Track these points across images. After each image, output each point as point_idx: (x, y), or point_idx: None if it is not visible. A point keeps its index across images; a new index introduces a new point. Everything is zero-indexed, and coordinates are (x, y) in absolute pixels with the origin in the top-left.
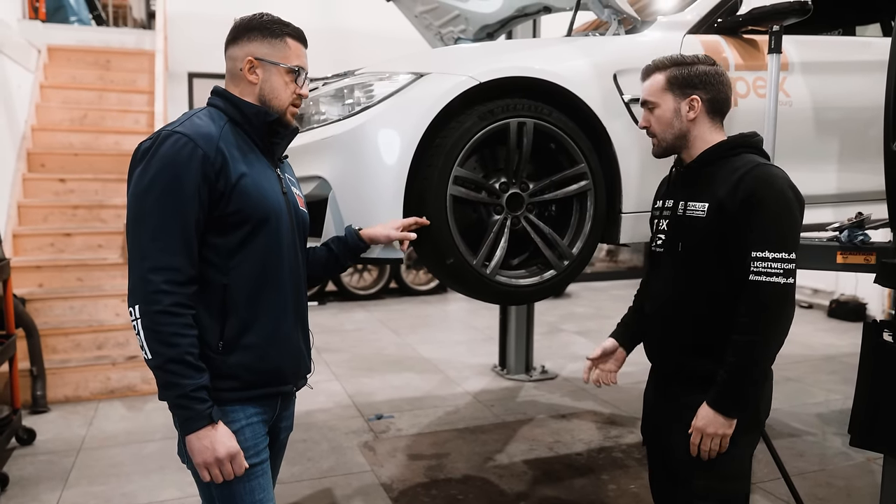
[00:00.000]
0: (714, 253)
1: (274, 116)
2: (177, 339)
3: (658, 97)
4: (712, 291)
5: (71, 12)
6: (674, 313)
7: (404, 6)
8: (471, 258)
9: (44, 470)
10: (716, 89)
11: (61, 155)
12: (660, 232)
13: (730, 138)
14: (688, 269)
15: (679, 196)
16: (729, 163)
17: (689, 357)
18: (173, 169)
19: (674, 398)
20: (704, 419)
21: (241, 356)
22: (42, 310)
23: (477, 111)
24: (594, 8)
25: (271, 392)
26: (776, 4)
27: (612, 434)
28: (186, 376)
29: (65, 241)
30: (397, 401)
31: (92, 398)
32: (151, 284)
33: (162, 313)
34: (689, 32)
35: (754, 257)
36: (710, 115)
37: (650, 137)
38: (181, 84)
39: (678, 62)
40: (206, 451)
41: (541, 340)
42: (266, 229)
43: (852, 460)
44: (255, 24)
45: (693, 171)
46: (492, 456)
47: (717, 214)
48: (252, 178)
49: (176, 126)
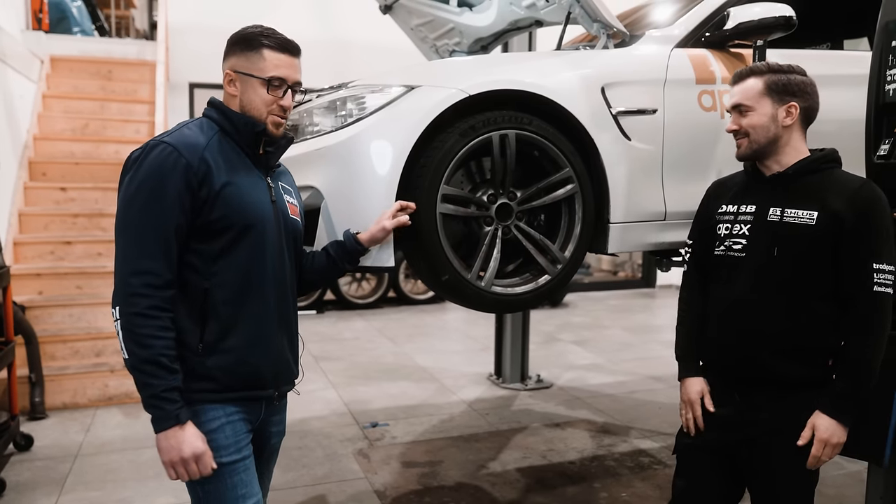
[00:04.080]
0: (819, 260)
1: (261, 127)
2: (151, 340)
3: (755, 101)
4: (811, 296)
5: (74, 23)
6: (760, 315)
7: (400, 19)
8: (465, 272)
9: (41, 476)
10: (811, 99)
11: (62, 164)
12: (736, 236)
13: (821, 152)
14: (781, 274)
15: (768, 202)
16: (830, 175)
17: (779, 361)
18: (157, 177)
19: (760, 408)
20: (828, 430)
21: (219, 359)
22: (41, 317)
23: (458, 128)
24: (583, 22)
25: (251, 395)
26: (762, 19)
27: (605, 443)
28: (158, 377)
29: (65, 250)
30: (393, 409)
31: (90, 405)
32: (130, 287)
33: (138, 315)
34: (676, 46)
35: (876, 269)
36: (802, 123)
37: (738, 139)
38: (182, 94)
39: (775, 69)
40: (172, 450)
41: (537, 350)
42: (250, 237)
43: (844, 469)
44: (236, 37)
45: (786, 180)
46: (485, 464)
47: (832, 224)
48: (237, 186)
49: (164, 136)
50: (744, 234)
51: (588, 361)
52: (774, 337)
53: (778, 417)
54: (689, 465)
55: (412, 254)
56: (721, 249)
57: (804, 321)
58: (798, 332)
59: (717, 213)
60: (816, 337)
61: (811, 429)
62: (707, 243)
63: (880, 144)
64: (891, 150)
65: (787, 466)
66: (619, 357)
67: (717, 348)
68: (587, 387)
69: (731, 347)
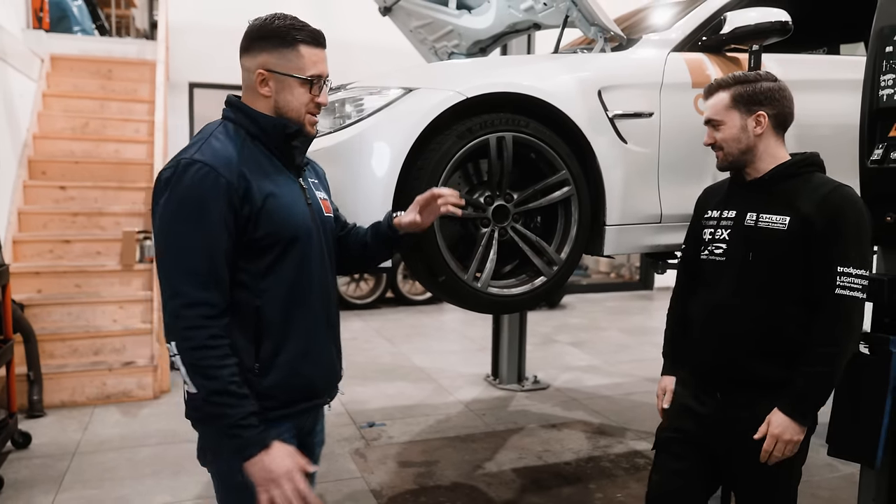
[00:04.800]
0: (792, 264)
1: (294, 129)
2: (216, 371)
3: (724, 115)
4: (786, 300)
5: (74, 22)
6: (737, 319)
7: (400, 21)
8: (462, 273)
9: (38, 473)
10: (781, 105)
11: (62, 163)
12: (718, 241)
13: (799, 156)
14: (758, 278)
15: (746, 207)
16: (806, 180)
17: (759, 363)
18: (198, 201)
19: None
20: (780, 426)
21: (276, 376)
22: (40, 315)
23: (455, 131)
24: (581, 26)
25: (306, 407)
26: (758, 24)
27: (601, 444)
28: (232, 406)
29: (64, 248)
30: (390, 409)
31: (88, 403)
32: (185, 321)
33: (199, 348)
34: (673, 50)
35: (840, 272)
36: (776, 129)
37: (716, 152)
38: (182, 94)
39: (741, 80)
40: (264, 473)
41: (534, 351)
42: (296, 248)
43: (838, 472)
44: (265, 31)
45: (764, 185)
46: (481, 464)
47: (802, 228)
48: (277, 197)
49: (194, 153)
50: (724, 238)
51: (585, 363)
52: (752, 339)
53: (757, 418)
54: (666, 461)
55: (409, 255)
56: (705, 254)
57: (781, 324)
58: (775, 335)
59: (703, 219)
60: (793, 340)
61: (767, 423)
62: (695, 248)
63: (874, 149)
64: (884, 155)
65: (765, 466)
66: (615, 359)
67: (699, 350)
68: (584, 388)
69: (713, 349)
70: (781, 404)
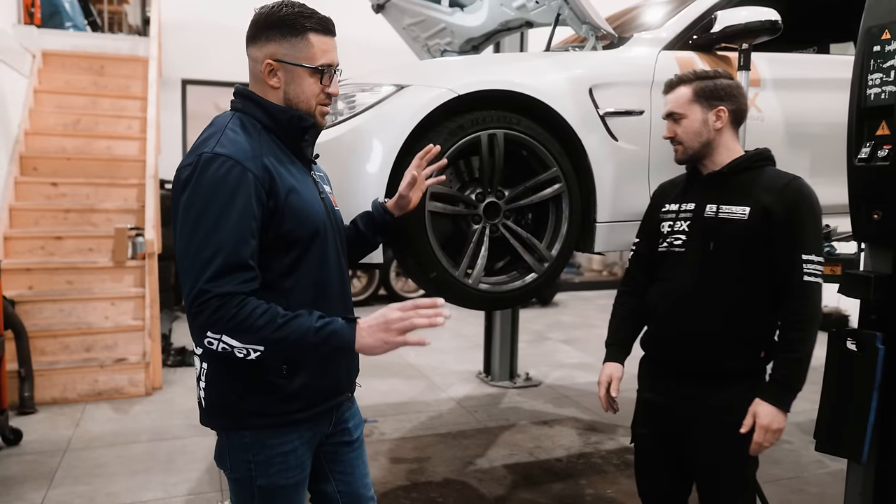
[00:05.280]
0: (752, 253)
1: (310, 121)
2: (260, 319)
3: (686, 108)
4: (743, 287)
5: (66, 18)
6: (697, 308)
7: (393, 18)
8: (453, 270)
9: (29, 470)
10: (738, 101)
11: (54, 159)
12: (677, 233)
13: (754, 151)
14: (718, 266)
15: (705, 199)
16: (761, 173)
17: (716, 351)
18: (222, 196)
19: (695, 397)
20: (768, 416)
21: (304, 377)
22: (31, 312)
23: (447, 128)
24: (572, 24)
25: (331, 405)
26: (749, 23)
27: (592, 440)
28: (299, 327)
29: (55, 245)
30: (382, 406)
31: (79, 400)
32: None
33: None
34: (664, 49)
35: (805, 260)
36: (733, 125)
37: (675, 146)
38: (175, 90)
39: (702, 76)
40: (374, 338)
41: (526, 348)
42: (316, 244)
43: (826, 468)
44: (273, 19)
45: (721, 178)
46: (473, 460)
47: (762, 218)
48: (297, 192)
49: (214, 146)
50: (684, 230)
51: (576, 360)
52: (711, 329)
53: (715, 407)
54: (640, 454)
55: (401, 251)
56: (664, 246)
57: (739, 314)
58: (734, 324)
59: (661, 212)
60: (751, 329)
61: (752, 416)
62: (652, 242)
63: (861, 147)
64: (871, 153)
65: (725, 454)
66: None
67: (657, 340)
68: (575, 385)
69: (670, 339)
70: (763, 394)
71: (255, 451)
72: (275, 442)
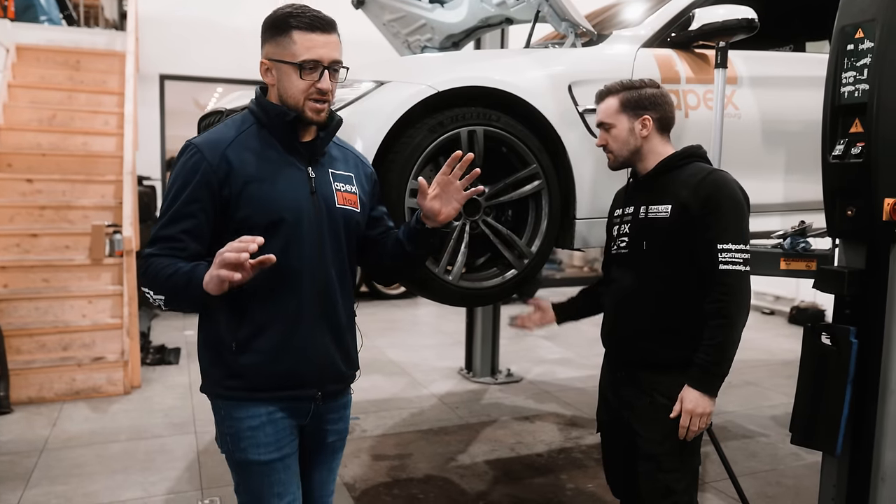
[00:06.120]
0: (678, 248)
1: (291, 116)
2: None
3: (613, 118)
4: (675, 282)
5: (41, 11)
6: (637, 304)
7: (373, 14)
8: (433, 266)
9: (5, 470)
10: (663, 109)
11: (29, 155)
12: (622, 236)
13: (680, 150)
14: (652, 264)
15: (639, 202)
16: (684, 170)
17: (653, 343)
18: (183, 178)
19: (639, 385)
20: (692, 401)
21: (251, 357)
22: (7, 310)
23: (427, 124)
24: (552, 21)
25: (290, 395)
26: (726, 21)
27: (572, 435)
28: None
29: (31, 242)
30: (364, 403)
31: (56, 399)
32: (144, 263)
33: (145, 273)
34: (643, 46)
35: (721, 249)
36: (660, 131)
37: (607, 154)
38: (152, 86)
39: (628, 86)
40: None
41: (508, 344)
42: (280, 233)
43: (803, 460)
44: (267, 22)
45: (650, 180)
46: (454, 456)
47: (681, 213)
48: (264, 182)
49: (196, 137)
50: (626, 233)
51: (558, 356)
52: (649, 323)
53: (653, 393)
54: (603, 441)
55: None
56: (614, 249)
57: (674, 307)
58: (669, 317)
59: (612, 217)
60: (685, 321)
61: (680, 401)
62: (608, 245)
63: (836, 144)
64: (845, 150)
65: (662, 438)
66: (588, 352)
67: (606, 336)
68: (556, 381)
69: (616, 335)
70: (690, 380)
71: (228, 423)
72: (241, 415)
